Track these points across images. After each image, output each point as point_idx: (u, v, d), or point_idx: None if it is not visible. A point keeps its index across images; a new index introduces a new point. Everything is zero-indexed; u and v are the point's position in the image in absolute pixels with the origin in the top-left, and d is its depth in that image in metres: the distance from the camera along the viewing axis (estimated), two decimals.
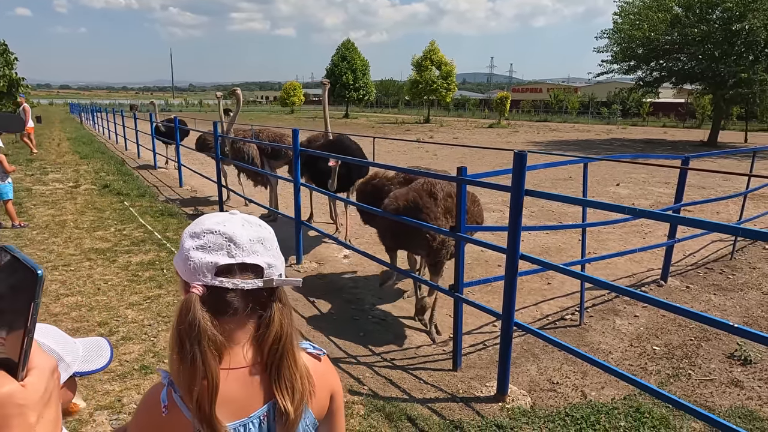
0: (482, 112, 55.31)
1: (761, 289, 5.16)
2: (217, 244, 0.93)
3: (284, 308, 0.98)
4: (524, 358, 3.82)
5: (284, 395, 0.95)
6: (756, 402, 3.26)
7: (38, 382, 0.59)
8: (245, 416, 0.95)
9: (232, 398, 0.94)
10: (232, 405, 0.94)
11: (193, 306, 0.89)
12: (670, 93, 45.20)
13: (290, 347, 0.97)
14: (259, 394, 0.96)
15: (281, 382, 0.95)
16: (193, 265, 0.92)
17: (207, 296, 0.91)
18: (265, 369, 0.96)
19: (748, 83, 20.48)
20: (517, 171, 2.99)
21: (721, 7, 20.77)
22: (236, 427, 0.95)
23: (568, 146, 22.19)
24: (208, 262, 0.91)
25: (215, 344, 0.89)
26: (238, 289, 0.92)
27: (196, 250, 0.93)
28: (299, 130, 5.93)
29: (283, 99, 57.76)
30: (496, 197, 9.67)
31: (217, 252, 0.92)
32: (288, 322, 0.97)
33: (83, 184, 10.63)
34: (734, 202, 8.71)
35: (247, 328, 0.95)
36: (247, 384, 0.95)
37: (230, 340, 0.93)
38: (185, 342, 0.87)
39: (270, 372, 0.96)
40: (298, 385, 0.96)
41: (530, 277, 5.25)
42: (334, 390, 1.10)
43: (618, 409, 3.11)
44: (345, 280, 5.47)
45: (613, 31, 25.00)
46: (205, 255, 0.92)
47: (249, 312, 0.95)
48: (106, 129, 24.83)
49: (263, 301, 0.96)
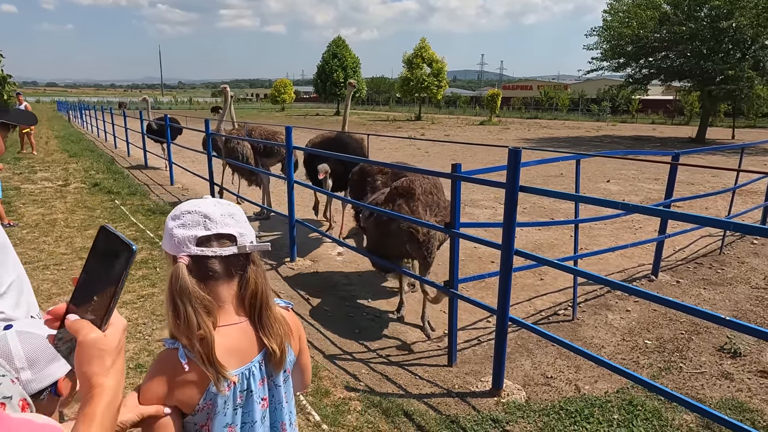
0: (473, 110, 55.44)
1: (750, 283, 5.25)
2: (194, 221, 1.11)
3: (258, 269, 1.18)
4: (518, 353, 3.85)
5: (270, 338, 1.17)
6: (746, 393, 3.32)
7: (115, 335, 0.79)
8: (248, 362, 1.17)
9: (236, 348, 1.14)
10: (236, 354, 1.14)
11: (181, 272, 1.06)
12: (658, 90, 45.66)
13: (266, 300, 1.18)
14: (254, 343, 1.18)
15: (264, 329, 1.17)
16: (177, 240, 1.10)
17: (193, 266, 1.09)
18: (251, 322, 1.17)
19: (735, 80, 20.73)
20: (511, 167, 3.01)
21: (708, 5, 20.98)
22: (243, 371, 1.16)
23: (559, 143, 22.32)
24: (189, 235, 1.10)
25: (204, 304, 1.07)
26: (218, 255, 1.11)
27: (178, 228, 1.11)
28: (292, 128, 5.91)
29: (273, 96, 57.48)
30: (488, 194, 9.72)
31: (195, 227, 1.11)
32: (262, 280, 1.18)
33: (73, 183, 10.53)
34: (723, 197, 8.83)
35: (230, 288, 1.15)
36: (245, 336, 1.16)
37: (218, 300, 1.12)
38: (178, 303, 1.05)
39: (254, 322, 1.17)
40: (277, 329, 1.19)
41: (523, 273, 5.29)
42: (301, 334, 1.36)
43: (611, 402, 3.16)
44: (339, 277, 5.48)
45: (603, 28, 25.17)
46: (186, 231, 1.10)
47: (230, 275, 1.14)
48: (95, 127, 24.58)
49: (240, 264, 1.15)
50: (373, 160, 5.16)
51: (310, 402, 3.14)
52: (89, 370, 0.75)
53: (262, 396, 1.20)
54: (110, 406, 0.75)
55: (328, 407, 3.08)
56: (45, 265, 5.42)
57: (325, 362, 3.69)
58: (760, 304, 4.73)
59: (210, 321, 1.08)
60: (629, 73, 25.87)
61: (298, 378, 1.38)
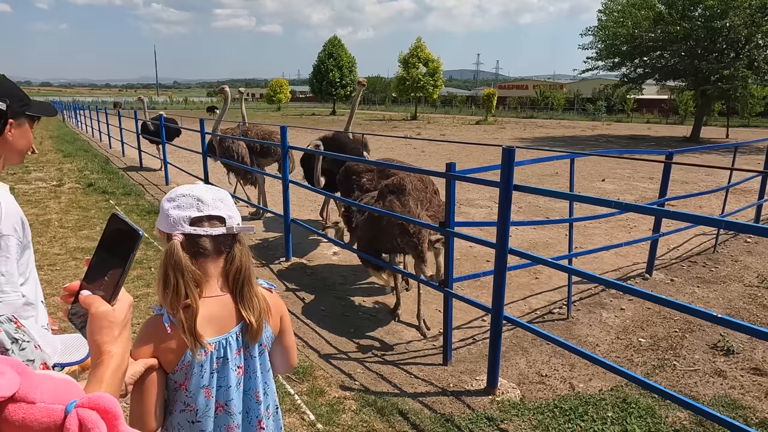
0: (469, 109, 55.47)
1: (743, 282, 5.28)
2: (188, 203, 1.24)
3: (243, 248, 1.31)
4: (513, 351, 3.86)
5: (248, 311, 1.29)
6: (738, 391, 3.34)
7: (122, 309, 0.90)
8: (226, 332, 1.29)
9: (214, 318, 1.27)
10: (215, 324, 1.27)
11: (176, 248, 1.19)
12: (653, 90, 45.84)
13: (249, 276, 1.30)
14: (233, 316, 1.30)
15: (245, 303, 1.29)
16: (172, 219, 1.23)
17: (186, 243, 1.21)
18: (233, 296, 1.29)
19: (730, 79, 20.84)
20: (506, 166, 3.02)
21: (702, 4, 21.07)
22: (219, 340, 1.28)
23: (554, 142, 22.38)
24: (184, 215, 1.23)
25: (194, 278, 1.20)
26: (209, 234, 1.24)
27: (174, 209, 1.24)
28: (287, 127, 5.91)
29: (269, 96, 57.34)
30: (483, 193, 9.74)
31: (189, 208, 1.23)
32: (246, 258, 1.31)
33: (67, 183, 10.47)
34: (716, 196, 8.87)
35: (217, 264, 1.28)
36: (224, 308, 1.29)
37: (206, 275, 1.25)
38: (170, 275, 1.18)
39: (235, 297, 1.29)
40: (256, 304, 1.31)
41: (518, 272, 5.30)
42: (283, 314, 1.45)
43: (605, 400, 3.17)
44: (335, 277, 5.47)
45: (598, 28, 25.25)
46: (181, 211, 1.23)
47: (218, 252, 1.27)
48: (89, 127, 24.46)
49: (228, 243, 1.29)
50: (359, 158, 5.18)
51: (305, 401, 3.14)
52: (99, 339, 0.85)
53: (238, 364, 1.32)
54: (117, 370, 0.85)
55: (323, 406, 3.08)
56: (39, 266, 5.35)
57: (320, 361, 3.69)
58: (753, 302, 4.76)
59: (197, 292, 1.21)
60: (624, 72, 25.97)
61: (281, 358, 1.48)
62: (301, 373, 3.43)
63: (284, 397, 3.15)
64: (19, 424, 0.60)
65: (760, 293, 4.95)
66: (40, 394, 0.63)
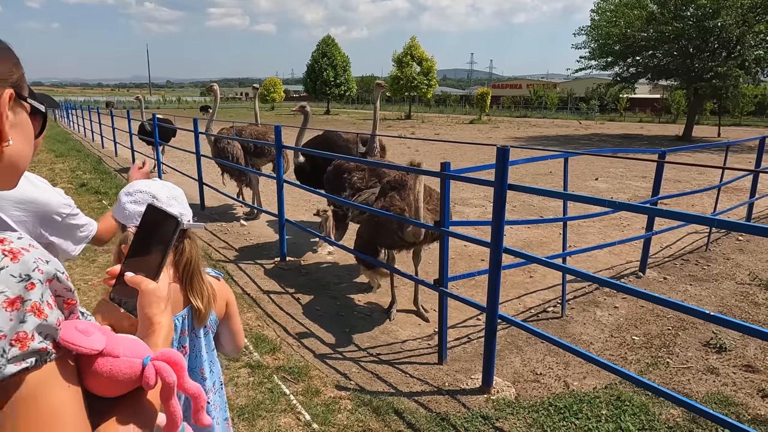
0: (463, 108, 55.55)
1: (735, 279, 5.32)
2: (144, 199, 1.35)
3: (192, 243, 1.44)
4: (508, 350, 3.88)
5: (196, 298, 1.45)
6: (731, 388, 3.37)
7: (165, 286, 1.01)
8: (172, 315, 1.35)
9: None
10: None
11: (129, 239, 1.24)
12: (646, 89, 46.11)
13: (197, 267, 1.45)
14: (180, 301, 1.45)
15: (194, 290, 1.45)
16: (128, 212, 1.36)
17: None
18: (182, 284, 1.44)
19: (722, 77, 20.99)
20: (500, 166, 3.03)
21: (694, 4, 21.23)
22: None
23: (548, 141, 22.45)
24: (139, 210, 1.32)
25: None
26: None
27: (130, 204, 1.37)
28: (281, 126, 5.89)
29: (263, 96, 57.19)
30: (478, 192, 9.76)
31: (144, 204, 1.29)
32: (195, 251, 1.44)
33: (59, 183, 10.39)
34: (708, 194, 8.94)
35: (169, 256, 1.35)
36: (172, 294, 1.37)
37: None
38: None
39: (185, 285, 1.44)
40: (204, 292, 1.46)
41: (513, 271, 5.32)
42: (229, 300, 1.63)
43: (600, 397, 3.19)
44: (330, 277, 5.47)
45: (591, 27, 25.39)
46: (136, 206, 1.35)
47: None
48: (81, 127, 24.29)
49: (179, 238, 1.36)
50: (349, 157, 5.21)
51: (301, 401, 3.13)
52: (150, 312, 0.95)
53: (183, 344, 1.48)
54: (167, 338, 0.97)
55: (319, 406, 3.08)
56: None
57: (315, 361, 3.69)
58: (745, 299, 4.80)
59: None
60: (617, 71, 26.13)
61: (229, 340, 1.66)
62: (297, 373, 3.43)
63: (279, 398, 3.14)
64: (107, 375, 0.75)
65: (751, 291, 4.99)
66: (122, 350, 0.77)
